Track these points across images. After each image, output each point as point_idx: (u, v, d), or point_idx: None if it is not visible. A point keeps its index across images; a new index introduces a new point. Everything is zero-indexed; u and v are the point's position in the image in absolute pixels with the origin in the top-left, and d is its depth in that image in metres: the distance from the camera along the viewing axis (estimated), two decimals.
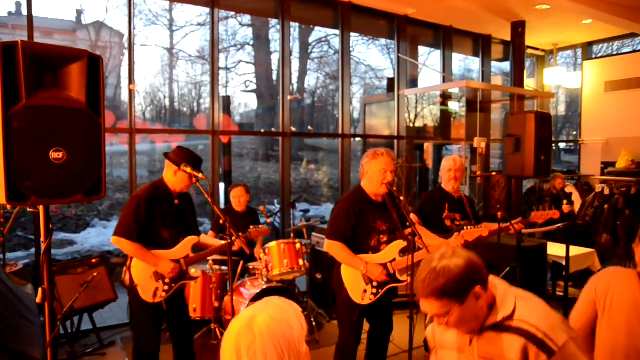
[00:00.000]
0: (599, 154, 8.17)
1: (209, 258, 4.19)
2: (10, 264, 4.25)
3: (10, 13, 10.90)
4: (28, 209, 1.98)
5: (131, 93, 4.95)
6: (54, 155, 1.88)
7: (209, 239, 3.48)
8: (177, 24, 12.29)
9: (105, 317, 5.00)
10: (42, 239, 2.05)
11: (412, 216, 3.82)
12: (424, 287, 1.50)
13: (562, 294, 5.10)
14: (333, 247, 3.11)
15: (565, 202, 6.48)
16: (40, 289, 2.02)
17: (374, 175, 3.09)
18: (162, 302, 3.03)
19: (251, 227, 3.46)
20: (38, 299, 2.01)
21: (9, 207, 1.87)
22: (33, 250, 5.87)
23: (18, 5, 10.80)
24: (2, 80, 1.73)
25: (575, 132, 10.59)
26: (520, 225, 3.72)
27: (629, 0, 6.19)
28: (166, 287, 3.04)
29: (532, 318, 1.50)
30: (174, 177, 3.08)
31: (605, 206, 6.70)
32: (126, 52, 4.98)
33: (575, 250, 5.10)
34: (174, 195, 3.13)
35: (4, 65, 1.74)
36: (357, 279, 3.11)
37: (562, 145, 14.20)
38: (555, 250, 4.97)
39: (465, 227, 3.43)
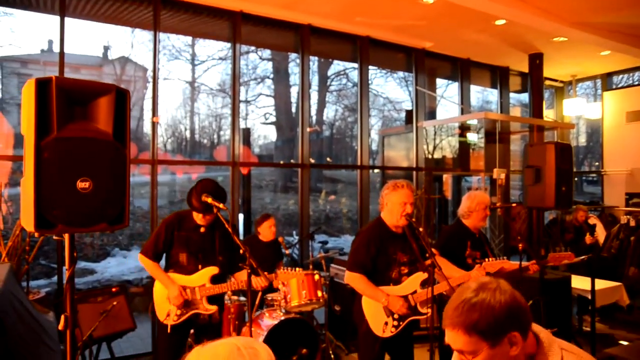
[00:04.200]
0: (622, 185, 8.02)
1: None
2: (33, 291, 4.32)
3: (42, 50, 11.43)
4: (54, 237, 2.03)
5: (154, 125, 5.08)
6: (81, 185, 1.94)
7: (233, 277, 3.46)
8: (199, 59, 12.70)
9: (123, 347, 4.99)
10: (66, 266, 2.09)
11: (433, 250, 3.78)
12: (455, 316, 1.31)
13: (588, 329, 4.92)
14: (354, 279, 3.09)
15: (587, 234, 6.36)
16: (62, 316, 2.05)
17: (394, 207, 3.10)
18: (169, 325, 3.10)
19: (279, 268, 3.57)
20: (60, 326, 2.04)
21: (36, 234, 1.92)
22: (55, 278, 5.95)
23: (50, 42, 11.33)
24: (36, 113, 1.82)
25: (597, 163, 10.43)
26: (536, 267, 3.77)
27: None
28: (178, 312, 3.14)
29: None
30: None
31: (632, 238, 6.52)
32: (150, 85, 5.14)
33: (601, 284, 4.95)
34: (200, 224, 3.18)
35: (39, 99, 1.83)
36: (378, 311, 3.08)
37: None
38: (580, 283, 4.82)
39: (486, 259, 3.40)
